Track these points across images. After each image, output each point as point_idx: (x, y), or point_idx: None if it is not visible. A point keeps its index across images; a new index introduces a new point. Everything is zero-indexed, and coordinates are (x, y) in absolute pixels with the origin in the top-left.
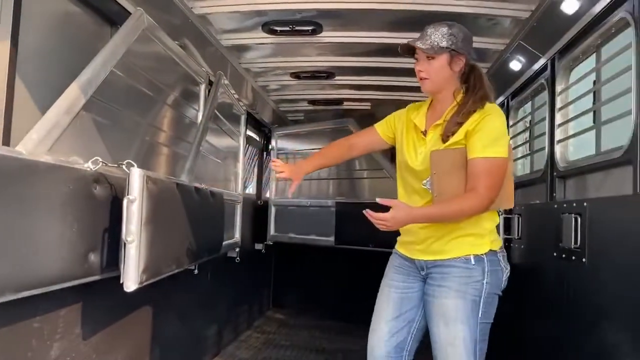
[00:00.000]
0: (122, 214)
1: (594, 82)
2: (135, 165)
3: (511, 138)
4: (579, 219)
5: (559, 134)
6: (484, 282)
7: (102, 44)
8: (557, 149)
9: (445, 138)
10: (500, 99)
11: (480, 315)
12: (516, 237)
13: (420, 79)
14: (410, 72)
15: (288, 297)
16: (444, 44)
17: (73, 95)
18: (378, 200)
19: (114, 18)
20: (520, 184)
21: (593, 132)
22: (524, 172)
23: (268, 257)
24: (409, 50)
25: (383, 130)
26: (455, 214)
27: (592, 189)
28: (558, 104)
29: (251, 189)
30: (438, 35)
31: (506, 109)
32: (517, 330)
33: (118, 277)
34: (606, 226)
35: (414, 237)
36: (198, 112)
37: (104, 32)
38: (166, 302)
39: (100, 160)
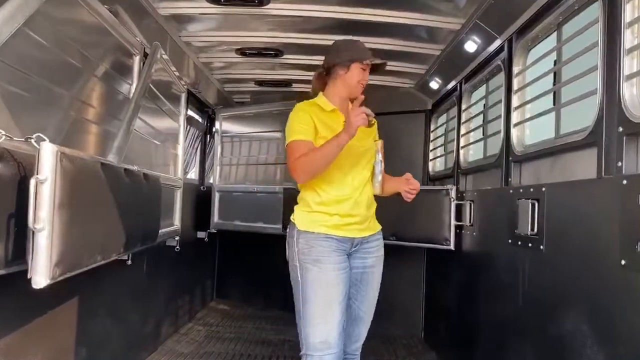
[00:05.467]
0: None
1: (555, 62)
2: (47, 139)
3: (464, 123)
4: (536, 205)
5: (515, 117)
6: None
7: None
8: (513, 132)
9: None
10: (452, 83)
11: None
12: (468, 224)
13: (363, 86)
14: None
15: (232, 287)
16: None
17: None
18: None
19: None
20: (473, 170)
21: (552, 114)
22: (475, 157)
23: (211, 245)
24: (380, 67)
25: (313, 135)
26: None
27: (549, 174)
28: (515, 86)
29: (193, 174)
30: None
31: (459, 93)
32: (469, 317)
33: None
34: (566, 212)
35: (358, 218)
36: (132, 87)
37: None
38: (94, 296)
39: (4, 133)
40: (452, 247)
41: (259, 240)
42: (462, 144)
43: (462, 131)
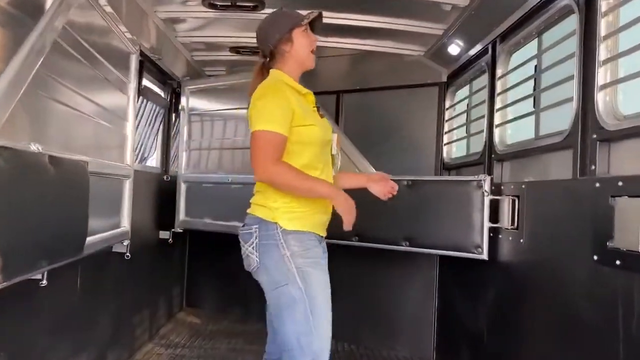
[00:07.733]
0: None
1: None
2: None
3: (499, 94)
4: None
5: (602, 77)
6: None
7: None
8: (599, 99)
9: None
10: (479, 46)
11: None
12: (509, 227)
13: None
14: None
15: (205, 295)
16: None
17: None
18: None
19: None
20: (512, 155)
21: None
22: (517, 139)
23: (178, 247)
24: (316, 21)
25: (288, 128)
26: None
27: None
28: (602, 31)
29: (154, 161)
30: None
31: (491, 56)
32: (514, 348)
33: None
34: None
35: (329, 215)
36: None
37: None
38: None
39: None
40: (485, 256)
41: (236, 241)
42: (497, 121)
43: (498, 105)
